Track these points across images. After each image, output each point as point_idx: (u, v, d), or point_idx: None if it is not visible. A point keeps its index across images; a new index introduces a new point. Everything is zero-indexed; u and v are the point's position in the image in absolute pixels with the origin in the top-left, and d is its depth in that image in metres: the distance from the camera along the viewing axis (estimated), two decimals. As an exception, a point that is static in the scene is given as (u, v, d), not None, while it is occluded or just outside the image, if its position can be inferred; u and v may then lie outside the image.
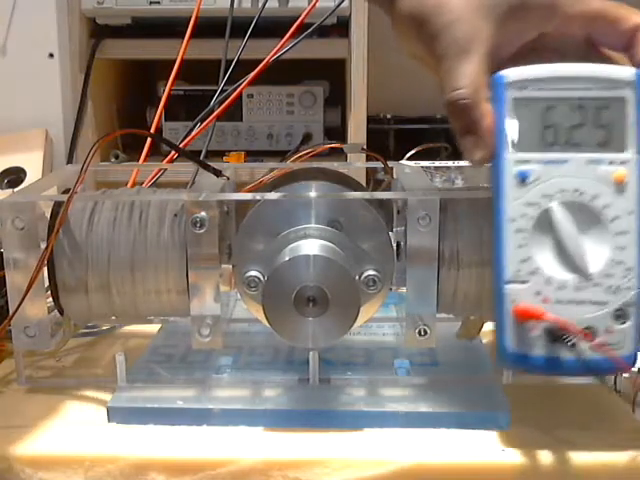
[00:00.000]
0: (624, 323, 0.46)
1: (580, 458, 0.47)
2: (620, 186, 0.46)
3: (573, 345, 0.45)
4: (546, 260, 0.46)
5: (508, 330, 0.46)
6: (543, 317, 0.45)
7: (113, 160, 1.16)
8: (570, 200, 0.46)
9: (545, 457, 0.47)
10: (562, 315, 0.46)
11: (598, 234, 0.46)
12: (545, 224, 0.46)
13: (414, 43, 0.50)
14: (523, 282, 0.46)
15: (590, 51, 0.50)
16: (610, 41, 0.49)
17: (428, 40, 0.48)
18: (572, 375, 0.47)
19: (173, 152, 0.76)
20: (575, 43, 0.50)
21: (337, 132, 1.28)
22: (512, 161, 0.46)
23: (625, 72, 0.47)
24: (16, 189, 0.90)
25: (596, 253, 0.46)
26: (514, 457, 0.47)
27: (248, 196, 0.54)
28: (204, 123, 0.85)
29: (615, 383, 0.55)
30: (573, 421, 0.51)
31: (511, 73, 0.46)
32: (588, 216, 0.46)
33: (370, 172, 1.13)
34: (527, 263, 0.46)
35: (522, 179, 0.46)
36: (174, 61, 0.84)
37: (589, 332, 0.46)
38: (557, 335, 0.46)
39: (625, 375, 0.54)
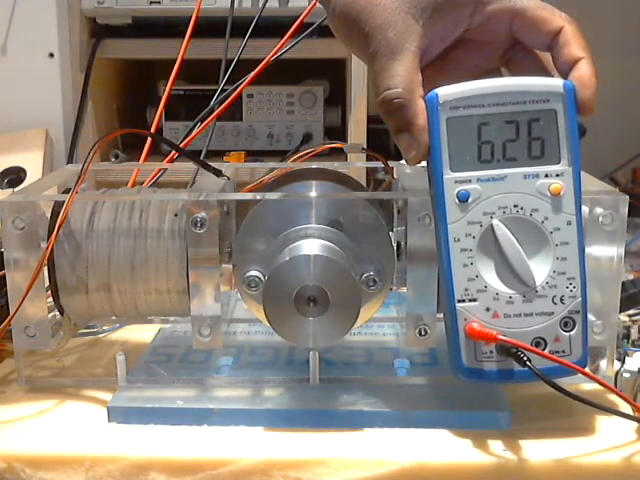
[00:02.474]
0: (571, 331, 0.48)
1: (580, 458, 0.47)
2: (557, 198, 0.47)
3: (528, 360, 0.46)
4: (493, 276, 0.48)
5: (462, 347, 0.48)
6: (495, 340, 0.47)
7: (113, 160, 1.16)
8: (511, 216, 0.47)
9: (545, 457, 0.47)
10: (512, 328, 0.47)
11: (540, 247, 0.48)
12: (489, 241, 0.47)
13: (347, 41, 0.51)
14: (472, 300, 0.47)
15: (516, 45, 0.51)
16: (532, 40, 0.49)
17: (361, 39, 0.48)
18: (526, 382, 0.49)
19: (173, 152, 0.76)
20: (500, 38, 0.50)
21: (337, 132, 1.28)
22: (451, 182, 0.47)
23: (554, 84, 0.47)
24: (16, 189, 0.90)
25: (540, 265, 0.48)
26: (514, 457, 0.47)
27: (248, 196, 0.54)
28: (204, 123, 0.85)
29: (615, 383, 0.55)
30: (573, 421, 0.51)
31: (442, 92, 0.47)
32: (529, 230, 0.47)
33: (370, 172, 1.13)
34: (475, 281, 0.47)
35: (463, 199, 0.47)
36: (174, 61, 0.84)
37: (539, 342, 0.48)
38: (510, 351, 0.47)
39: (625, 375, 0.54)
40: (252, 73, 0.84)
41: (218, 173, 0.59)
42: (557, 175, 0.47)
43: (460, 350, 0.48)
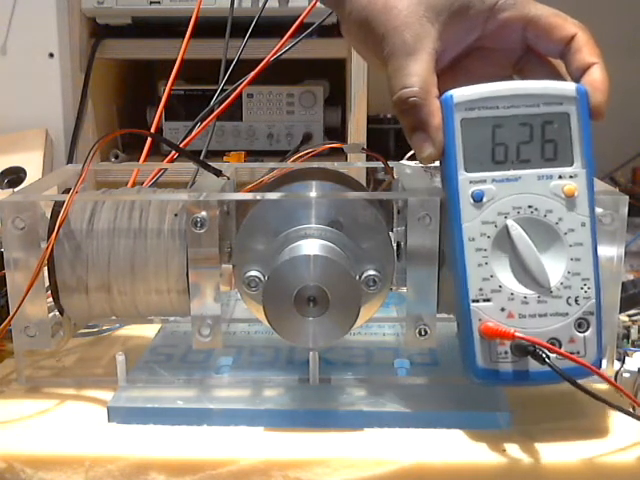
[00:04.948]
0: (586, 331, 0.48)
1: (581, 458, 0.47)
2: (571, 199, 0.47)
3: (547, 357, 0.46)
4: (507, 276, 0.48)
5: (476, 348, 0.48)
6: (513, 337, 0.46)
7: (113, 160, 1.16)
8: (525, 216, 0.48)
9: (545, 457, 0.47)
10: (527, 328, 0.47)
11: (554, 248, 0.48)
12: (503, 241, 0.48)
13: (361, 44, 0.51)
14: (487, 300, 0.48)
15: (528, 53, 0.51)
16: (545, 47, 0.50)
17: (376, 42, 0.49)
18: (541, 384, 0.49)
19: (173, 152, 0.76)
20: (513, 45, 0.51)
21: (337, 132, 1.28)
22: (466, 182, 0.47)
23: (567, 87, 0.47)
24: (16, 189, 0.90)
25: (554, 266, 0.48)
26: (514, 457, 0.47)
27: (248, 196, 0.54)
28: (204, 123, 0.85)
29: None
30: (573, 421, 0.51)
31: (457, 94, 0.47)
32: (544, 231, 0.48)
33: (370, 172, 1.13)
34: (489, 281, 0.48)
35: (477, 199, 0.47)
36: (174, 61, 0.84)
37: (554, 343, 0.48)
38: (527, 350, 0.47)
39: (625, 375, 0.54)
40: (252, 73, 0.84)
41: (218, 173, 0.59)
42: (571, 177, 0.47)
43: (475, 351, 0.47)
